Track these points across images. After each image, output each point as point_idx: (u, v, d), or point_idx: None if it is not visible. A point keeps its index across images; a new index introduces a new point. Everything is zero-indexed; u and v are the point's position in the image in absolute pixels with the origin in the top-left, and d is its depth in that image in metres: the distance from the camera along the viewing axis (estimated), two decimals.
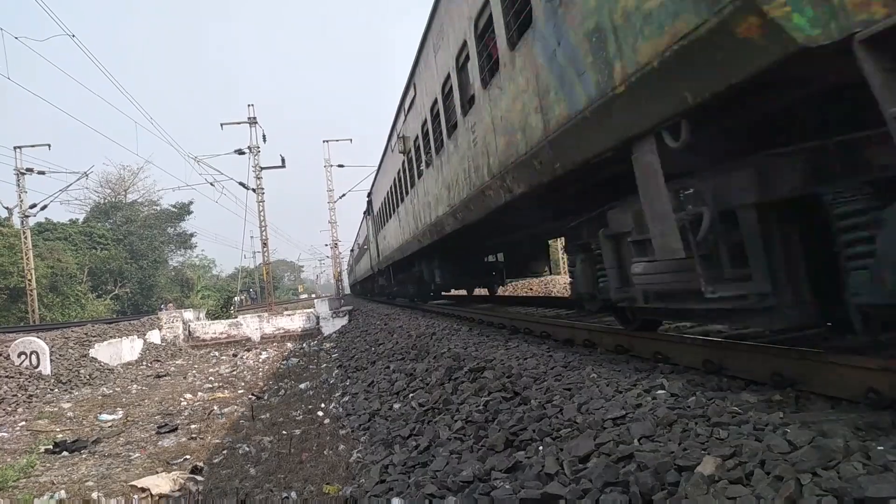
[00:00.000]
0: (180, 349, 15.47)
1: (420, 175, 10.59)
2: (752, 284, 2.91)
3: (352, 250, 38.69)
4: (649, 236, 3.36)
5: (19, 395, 8.55)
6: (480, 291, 17.09)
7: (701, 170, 3.22)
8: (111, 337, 12.83)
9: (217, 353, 15.23)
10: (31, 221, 31.26)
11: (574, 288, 5.56)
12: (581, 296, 5.27)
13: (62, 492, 4.54)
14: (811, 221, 2.84)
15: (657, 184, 3.07)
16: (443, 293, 17.44)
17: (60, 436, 6.49)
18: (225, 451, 5.35)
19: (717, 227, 2.99)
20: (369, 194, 22.18)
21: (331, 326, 17.26)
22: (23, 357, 9.85)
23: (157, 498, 4.22)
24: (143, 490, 4.33)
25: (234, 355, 14.42)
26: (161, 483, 4.45)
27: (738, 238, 2.98)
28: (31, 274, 28.79)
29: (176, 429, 6.49)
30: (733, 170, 2.98)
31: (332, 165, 37.79)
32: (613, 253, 4.31)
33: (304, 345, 14.99)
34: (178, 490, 4.36)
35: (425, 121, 9.25)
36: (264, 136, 25.98)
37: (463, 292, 17.58)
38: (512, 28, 4.85)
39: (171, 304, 35.09)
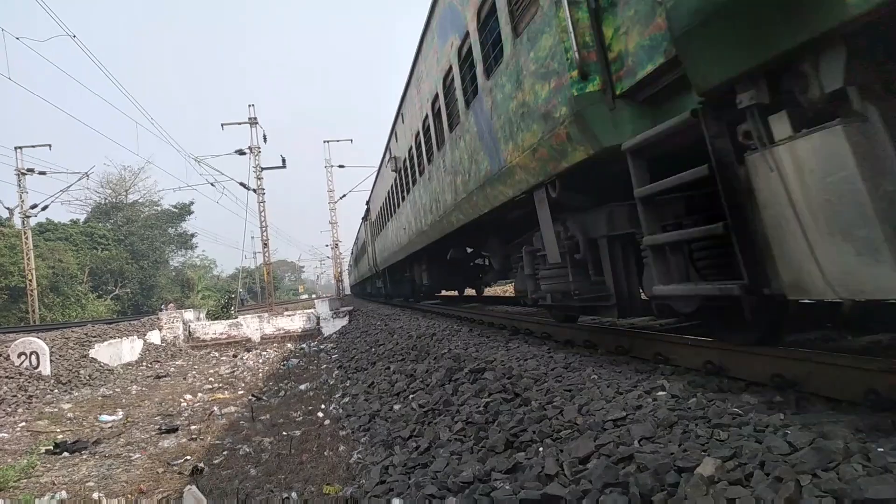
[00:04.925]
0: (180, 350, 15.46)
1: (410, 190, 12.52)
2: (604, 287, 4.55)
3: (352, 252, 39.01)
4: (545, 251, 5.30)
5: (19, 396, 8.54)
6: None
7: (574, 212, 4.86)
8: (111, 337, 12.83)
9: (217, 354, 15.22)
10: (32, 222, 31.33)
11: (516, 287, 7.93)
12: (521, 294, 7.01)
13: (63, 492, 4.54)
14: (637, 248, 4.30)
15: (547, 219, 5.08)
16: (434, 293, 19.19)
17: (61, 436, 6.49)
18: (225, 452, 5.35)
19: (585, 249, 4.73)
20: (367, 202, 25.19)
21: (331, 327, 17.23)
22: (23, 357, 9.84)
23: (158, 497, 4.21)
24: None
25: (234, 356, 14.41)
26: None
27: (597, 256, 4.66)
28: (31, 274, 28.83)
29: (176, 429, 6.48)
30: (594, 213, 4.62)
31: (332, 166, 37.86)
32: (531, 263, 6.02)
33: (305, 345, 14.97)
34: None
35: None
36: (265, 137, 26.05)
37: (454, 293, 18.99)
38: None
39: (171, 305, 34.93)
